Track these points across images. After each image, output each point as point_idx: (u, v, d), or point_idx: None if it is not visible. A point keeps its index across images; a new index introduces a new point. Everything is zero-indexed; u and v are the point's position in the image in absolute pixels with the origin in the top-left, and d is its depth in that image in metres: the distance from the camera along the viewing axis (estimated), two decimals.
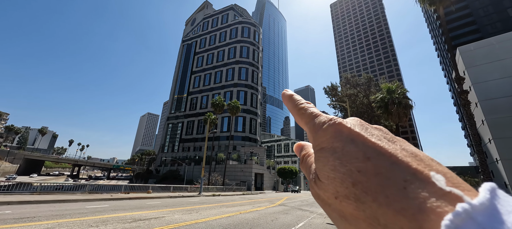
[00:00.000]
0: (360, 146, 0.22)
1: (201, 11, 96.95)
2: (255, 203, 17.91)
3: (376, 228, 0.18)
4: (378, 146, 0.21)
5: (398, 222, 0.16)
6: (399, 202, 0.17)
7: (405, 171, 0.19)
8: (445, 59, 65.46)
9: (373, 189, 0.19)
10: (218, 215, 10.22)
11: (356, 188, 0.20)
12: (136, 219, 7.91)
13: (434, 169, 0.18)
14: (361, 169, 0.20)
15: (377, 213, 0.18)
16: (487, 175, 11.97)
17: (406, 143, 0.23)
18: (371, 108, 32.42)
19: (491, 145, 26.92)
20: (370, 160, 0.21)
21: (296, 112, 0.33)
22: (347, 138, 0.23)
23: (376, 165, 0.20)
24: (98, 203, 13.13)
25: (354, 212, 0.20)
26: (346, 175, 0.21)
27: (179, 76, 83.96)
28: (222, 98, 52.96)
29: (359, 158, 0.21)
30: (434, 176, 0.18)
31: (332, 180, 0.22)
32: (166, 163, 65.46)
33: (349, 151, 0.22)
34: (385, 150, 0.21)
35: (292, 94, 0.37)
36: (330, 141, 0.25)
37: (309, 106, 0.32)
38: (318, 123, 0.27)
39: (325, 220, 10.72)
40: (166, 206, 12.99)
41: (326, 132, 0.26)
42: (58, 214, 8.19)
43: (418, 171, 0.18)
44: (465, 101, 13.24)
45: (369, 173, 0.20)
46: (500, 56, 28.85)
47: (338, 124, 0.25)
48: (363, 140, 0.23)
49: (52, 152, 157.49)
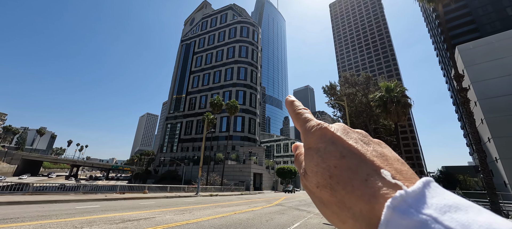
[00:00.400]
0: (339, 147, 0.29)
1: (200, 10, 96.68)
2: (252, 203, 17.65)
3: (343, 209, 0.25)
4: (353, 147, 0.28)
5: (358, 204, 0.24)
6: (360, 190, 0.24)
7: (369, 167, 0.26)
8: (444, 58, 65.34)
9: (344, 180, 0.26)
10: (212, 215, 9.96)
11: (332, 180, 0.27)
12: (124, 220, 7.64)
13: (393, 167, 0.26)
14: (337, 165, 0.27)
15: (345, 198, 0.25)
16: (487, 174, 11.75)
17: (382, 144, 0.30)
18: (369, 107, 32.20)
19: (491, 144, 26.73)
20: (344, 158, 0.28)
21: (294, 116, 0.39)
22: (329, 140, 0.30)
23: (348, 162, 0.27)
24: (90, 203, 12.85)
25: (329, 198, 0.27)
26: (325, 169, 0.28)
27: (178, 76, 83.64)
28: (221, 98, 52.72)
29: (336, 156, 0.28)
30: (383, 172, 0.25)
31: (315, 173, 0.29)
32: (165, 163, 65.13)
33: (330, 151, 0.29)
34: (357, 150, 0.28)
35: (293, 100, 0.43)
36: (316, 142, 0.31)
37: (305, 112, 0.39)
38: (309, 126, 0.34)
39: (322, 220, 10.47)
40: (160, 206, 12.72)
41: (313, 134, 0.32)
42: (45, 215, 7.92)
43: (378, 168, 0.25)
44: (464, 99, 13.01)
45: (343, 168, 0.27)
46: (499, 55, 28.67)
47: (324, 129, 0.32)
48: (342, 142, 0.29)
49: (50, 153, 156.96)
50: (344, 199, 0.25)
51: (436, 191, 0.22)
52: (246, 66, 72.01)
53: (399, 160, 0.28)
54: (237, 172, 48.99)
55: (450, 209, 0.19)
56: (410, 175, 0.26)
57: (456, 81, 13.68)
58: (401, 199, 0.21)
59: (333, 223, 0.28)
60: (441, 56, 69.98)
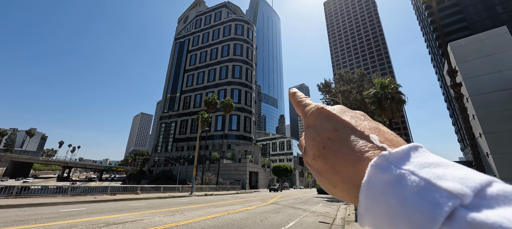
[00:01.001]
0: (333, 122, 0.32)
1: (194, 8, 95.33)
2: (247, 202, 17.35)
3: (334, 174, 0.28)
4: (346, 121, 0.31)
5: (346, 168, 0.26)
6: (349, 155, 0.26)
7: (359, 135, 0.28)
8: (436, 56, 66.33)
9: (335, 149, 0.28)
10: (204, 216, 9.60)
11: (325, 150, 0.30)
12: (109, 223, 7.21)
13: (384, 136, 0.27)
14: (330, 137, 0.30)
15: (335, 164, 0.28)
16: (481, 168, 11.77)
17: (378, 124, 0.31)
18: (364, 104, 32.29)
19: (482, 139, 27.16)
20: (337, 131, 0.30)
21: (295, 104, 0.42)
22: (325, 117, 0.33)
23: (341, 133, 0.29)
24: (77, 206, 12.30)
25: (323, 167, 0.30)
26: (320, 142, 0.31)
27: (172, 75, 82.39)
28: (216, 96, 52.10)
29: (330, 130, 0.31)
30: (372, 136, 0.27)
31: (311, 147, 0.32)
32: (160, 163, 64.21)
33: (325, 126, 0.32)
34: (349, 124, 0.30)
35: (295, 91, 0.46)
36: (313, 120, 0.34)
37: (305, 99, 0.41)
38: (308, 109, 0.37)
39: (317, 219, 10.25)
40: (150, 207, 12.27)
41: (312, 114, 0.35)
42: (23, 220, 7.41)
43: (366, 136, 0.27)
44: (458, 94, 13.01)
45: (335, 139, 0.29)
46: (490, 51, 29.12)
47: (321, 108, 0.35)
48: (336, 118, 0.32)
49: (41, 154, 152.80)
50: (334, 165, 0.28)
51: (422, 154, 0.23)
52: (241, 64, 71.45)
53: (393, 134, 0.29)
54: (232, 171, 48.63)
55: (430, 165, 0.20)
56: (400, 143, 0.27)
57: (450, 76, 13.67)
58: (383, 158, 0.22)
59: (326, 189, 0.31)
60: (433, 53, 71.04)
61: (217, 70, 72.41)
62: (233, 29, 76.93)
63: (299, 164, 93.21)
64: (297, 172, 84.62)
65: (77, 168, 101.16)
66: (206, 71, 74.66)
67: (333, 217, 11.11)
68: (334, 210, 13.37)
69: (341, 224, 8.59)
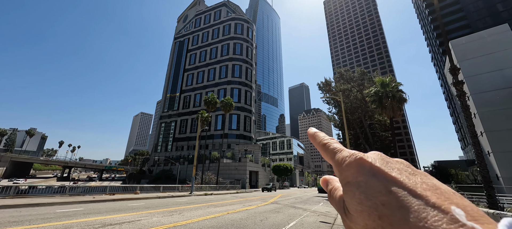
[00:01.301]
0: (382, 180, 0.24)
1: (193, 7, 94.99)
2: (247, 201, 17.22)
3: None
4: (398, 180, 0.24)
5: None
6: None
7: (424, 203, 0.21)
8: (437, 54, 66.07)
9: (398, 222, 0.21)
10: (203, 216, 9.45)
11: (383, 221, 0.22)
12: (105, 224, 7.05)
13: (454, 202, 0.21)
14: (385, 202, 0.22)
15: None
16: (483, 167, 11.61)
17: (427, 176, 0.25)
18: (365, 102, 32.11)
19: (483, 138, 27.01)
20: (392, 193, 0.23)
21: (320, 148, 0.36)
22: (369, 172, 0.26)
23: (398, 198, 0.22)
24: (74, 206, 12.15)
25: None
26: (372, 208, 0.23)
27: (171, 74, 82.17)
28: (216, 95, 51.91)
29: (382, 192, 0.23)
30: (455, 210, 0.19)
31: (360, 213, 0.24)
32: (160, 163, 64.10)
33: (372, 185, 0.25)
34: (405, 184, 0.23)
35: (315, 132, 0.40)
36: (354, 175, 0.27)
37: (332, 142, 0.35)
38: (342, 158, 0.30)
39: (318, 219, 10.11)
40: (148, 207, 12.12)
41: (349, 167, 0.28)
42: (17, 220, 7.25)
43: (437, 204, 0.20)
44: (461, 92, 12.83)
45: (393, 206, 0.22)
46: (491, 50, 28.94)
47: (360, 159, 0.28)
48: (384, 174, 0.25)
49: (41, 154, 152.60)
50: None
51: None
52: (241, 64, 71.22)
53: (455, 193, 0.23)
54: (232, 170, 48.50)
55: None
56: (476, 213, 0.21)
57: (452, 74, 13.48)
58: None
59: None
60: (434, 52, 70.79)
61: (217, 69, 72.19)
62: (233, 28, 76.65)
63: (299, 163, 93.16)
64: (297, 171, 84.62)
65: (77, 168, 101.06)
66: (206, 70, 74.45)
67: (334, 216, 10.97)
68: (335, 210, 13.23)
69: (342, 224, 8.43)
